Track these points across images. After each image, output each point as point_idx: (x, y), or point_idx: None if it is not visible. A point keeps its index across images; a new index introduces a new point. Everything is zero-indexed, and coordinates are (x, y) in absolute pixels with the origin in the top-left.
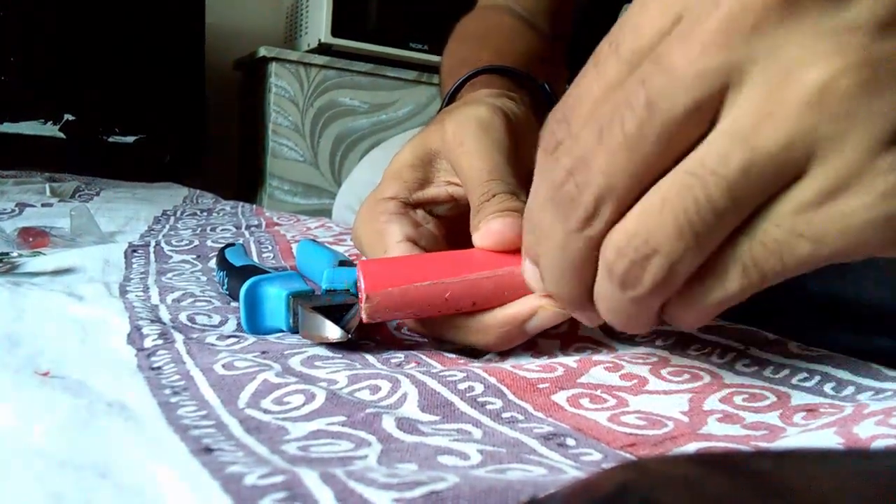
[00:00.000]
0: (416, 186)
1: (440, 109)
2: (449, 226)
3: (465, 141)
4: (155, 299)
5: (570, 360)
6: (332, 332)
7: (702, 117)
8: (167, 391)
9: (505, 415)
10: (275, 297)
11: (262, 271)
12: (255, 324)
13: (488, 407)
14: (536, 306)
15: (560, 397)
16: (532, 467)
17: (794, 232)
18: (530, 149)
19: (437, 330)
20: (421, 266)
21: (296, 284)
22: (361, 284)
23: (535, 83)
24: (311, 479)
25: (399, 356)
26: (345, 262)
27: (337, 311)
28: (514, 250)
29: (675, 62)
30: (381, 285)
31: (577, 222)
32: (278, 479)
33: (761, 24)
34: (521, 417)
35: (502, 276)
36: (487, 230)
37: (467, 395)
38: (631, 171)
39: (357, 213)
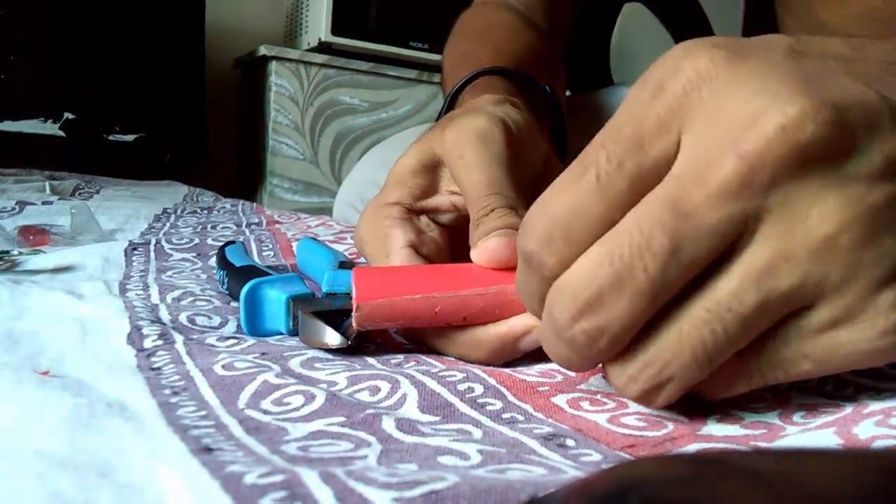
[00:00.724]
0: (419, 193)
1: (442, 110)
2: (452, 234)
3: (464, 153)
4: (155, 298)
5: None
6: (332, 338)
7: (719, 256)
8: (167, 391)
9: (505, 415)
10: (275, 300)
11: (263, 272)
12: (254, 326)
13: (488, 408)
14: (531, 325)
15: (560, 399)
16: (532, 467)
17: (799, 352)
18: (531, 156)
19: (431, 342)
20: (414, 278)
21: (296, 287)
22: (353, 293)
23: (536, 84)
24: (310, 478)
25: (399, 357)
26: (345, 263)
27: (337, 315)
28: (512, 266)
29: (696, 209)
30: (372, 296)
31: (587, 359)
32: (278, 478)
33: (777, 178)
34: (521, 418)
35: (495, 295)
36: (484, 248)
37: (467, 396)
38: (648, 311)
39: (360, 216)
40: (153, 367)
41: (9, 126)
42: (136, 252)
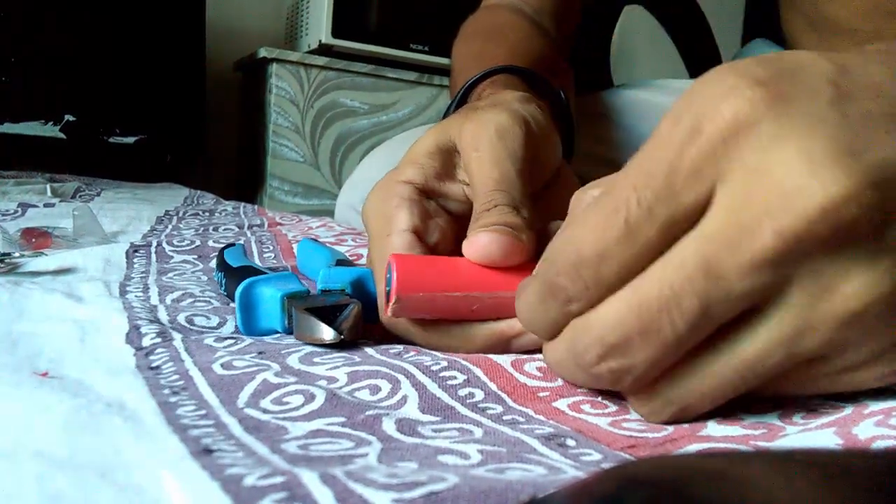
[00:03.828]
0: (432, 174)
1: (450, 105)
2: (460, 224)
3: (480, 146)
4: (154, 299)
5: None
6: (326, 333)
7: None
8: (166, 391)
9: (506, 417)
10: (269, 298)
11: (259, 272)
12: (250, 325)
13: (489, 412)
14: None
15: (561, 403)
16: (532, 466)
17: (813, 389)
18: (547, 160)
19: (423, 339)
20: (454, 272)
21: (291, 285)
22: (393, 282)
23: (551, 87)
24: (310, 479)
25: (398, 347)
26: (342, 262)
27: (331, 311)
28: (504, 267)
29: (727, 275)
30: (413, 289)
31: (607, 386)
32: (278, 479)
33: (810, 251)
34: (521, 420)
35: None
36: (474, 241)
37: (468, 401)
38: (673, 358)
39: (371, 190)
40: (152, 366)
41: (9, 128)
42: (137, 254)
